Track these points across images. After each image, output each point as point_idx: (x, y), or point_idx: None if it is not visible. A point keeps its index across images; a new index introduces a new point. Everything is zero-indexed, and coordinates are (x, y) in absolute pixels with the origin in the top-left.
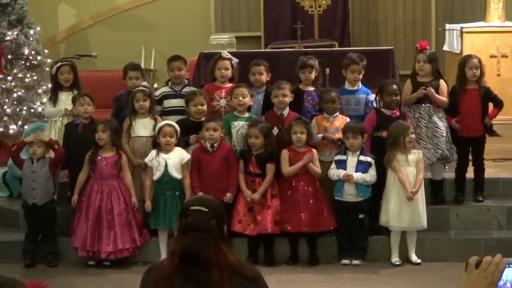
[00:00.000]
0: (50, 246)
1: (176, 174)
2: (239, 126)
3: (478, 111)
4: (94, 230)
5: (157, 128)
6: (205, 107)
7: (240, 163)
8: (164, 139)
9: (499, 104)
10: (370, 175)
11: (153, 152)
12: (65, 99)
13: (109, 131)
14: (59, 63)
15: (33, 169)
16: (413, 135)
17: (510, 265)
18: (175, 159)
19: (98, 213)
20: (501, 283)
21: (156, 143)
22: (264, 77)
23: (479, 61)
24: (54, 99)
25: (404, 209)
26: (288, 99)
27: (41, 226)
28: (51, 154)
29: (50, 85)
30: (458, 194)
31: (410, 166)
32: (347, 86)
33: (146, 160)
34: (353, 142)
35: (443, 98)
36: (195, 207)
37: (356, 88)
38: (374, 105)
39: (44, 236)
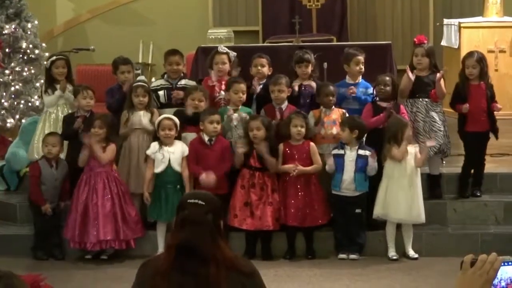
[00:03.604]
0: (56, 238)
1: (178, 167)
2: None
3: (484, 106)
4: (82, 221)
5: (156, 121)
6: (203, 103)
7: (236, 153)
8: (163, 132)
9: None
10: (375, 167)
11: (156, 145)
12: (59, 93)
13: (105, 128)
14: (54, 57)
15: (55, 176)
16: (410, 132)
17: (505, 264)
18: (178, 152)
19: (85, 204)
20: (495, 281)
21: (156, 137)
22: (266, 70)
23: (479, 59)
24: (52, 91)
25: (402, 200)
26: (285, 94)
27: (48, 222)
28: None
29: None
30: (464, 189)
31: (408, 158)
32: (347, 79)
33: (149, 152)
34: (341, 134)
35: (444, 89)
36: (192, 200)
37: (357, 81)
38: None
39: (51, 229)
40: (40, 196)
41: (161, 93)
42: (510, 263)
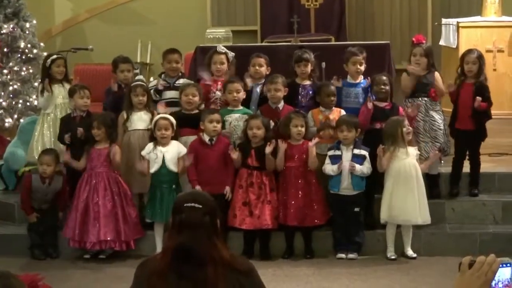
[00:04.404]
0: (51, 238)
1: (173, 167)
2: (231, 119)
3: (470, 105)
4: (82, 221)
5: (153, 121)
6: (196, 98)
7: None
8: (160, 132)
9: (488, 104)
10: (367, 167)
11: (150, 145)
12: (57, 92)
13: (103, 128)
14: (55, 56)
15: (46, 192)
16: (410, 127)
17: (503, 265)
18: (173, 152)
19: (86, 204)
20: (493, 283)
21: (153, 137)
22: (264, 70)
23: (479, 56)
24: (47, 91)
25: (410, 203)
26: (281, 93)
27: (42, 221)
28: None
29: (41, 78)
30: (453, 186)
31: (411, 159)
32: (348, 79)
33: (143, 152)
34: (347, 135)
35: (442, 87)
36: (189, 204)
37: (358, 81)
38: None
39: (45, 229)
40: (29, 206)
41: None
42: (508, 264)
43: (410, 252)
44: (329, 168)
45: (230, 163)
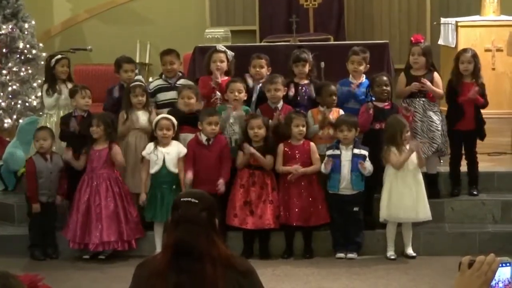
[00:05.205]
0: (50, 238)
1: (173, 168)
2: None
3: (472, 105)
4: (84, 222)
5: (154, 121)
6: (193, 100)
7: (239, 153)
8: (161, 132)
9: (485, 103)
10: (370, 166)
11: (151, 146)
12: (57, 96)
13: (102, 126)
14: (59, 56)
15: (50, 169)
16: (409, 133)
17: (503, 265)
18: (173, 153)
19: (87, 205)
20: (493, 282)
21: (153, 137)
22: (265, 71)
23: (474, 55)
24: (53, 91)
25: (408, 200)
26: (281, 93)
27: (43, 219)
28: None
29: (44, 78)
30: (454, 187)
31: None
32: (350, 78)
33: (144, 153)
34: (347, 134)
35: (439, 90)
36: (185, 199)
37: (359, 81)
38: (373, 98)
39: (45, 229)
40: (35, 193)
41: (159, 95)
42: (507, 264)
43: (410, 251)
44: (322, 166)
45: (227, 159)
